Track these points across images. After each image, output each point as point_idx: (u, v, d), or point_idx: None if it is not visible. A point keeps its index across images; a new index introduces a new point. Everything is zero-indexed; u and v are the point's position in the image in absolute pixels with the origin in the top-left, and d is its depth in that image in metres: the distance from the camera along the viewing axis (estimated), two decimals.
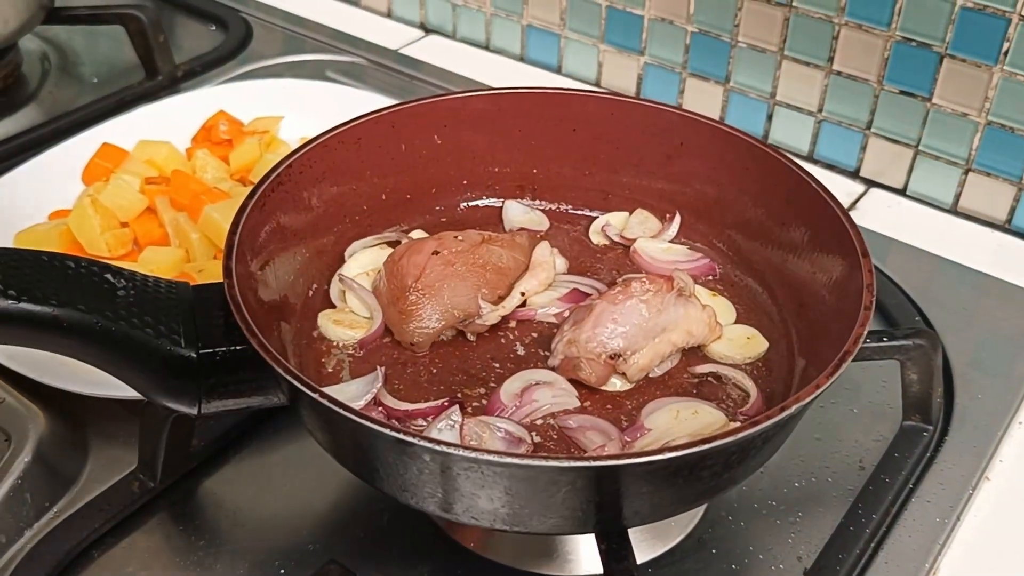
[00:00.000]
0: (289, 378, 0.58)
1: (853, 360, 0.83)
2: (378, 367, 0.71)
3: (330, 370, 0.73)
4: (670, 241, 0.84)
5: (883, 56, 1.05)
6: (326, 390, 0.58)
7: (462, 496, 0.58)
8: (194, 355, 0.62)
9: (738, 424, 0.69)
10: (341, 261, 0.80)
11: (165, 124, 1.08)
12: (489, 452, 0.57)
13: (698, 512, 0.75)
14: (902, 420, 0.81)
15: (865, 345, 0.74)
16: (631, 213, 0.86)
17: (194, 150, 1.05)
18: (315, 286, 0.78)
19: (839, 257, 0.71)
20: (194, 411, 0.64)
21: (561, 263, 0.82)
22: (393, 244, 0.82)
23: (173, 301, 0.63)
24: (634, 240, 0.84)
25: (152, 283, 0.64)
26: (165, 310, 0.62)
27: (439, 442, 0.55)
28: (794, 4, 1.08)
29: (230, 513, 0.75)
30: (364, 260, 0.80)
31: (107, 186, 0.97)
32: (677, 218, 0.84)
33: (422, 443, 0.55)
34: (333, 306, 0.78)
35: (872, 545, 0.73)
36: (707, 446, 0.55)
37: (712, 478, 0.60)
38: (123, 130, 1.06)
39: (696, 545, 0.73)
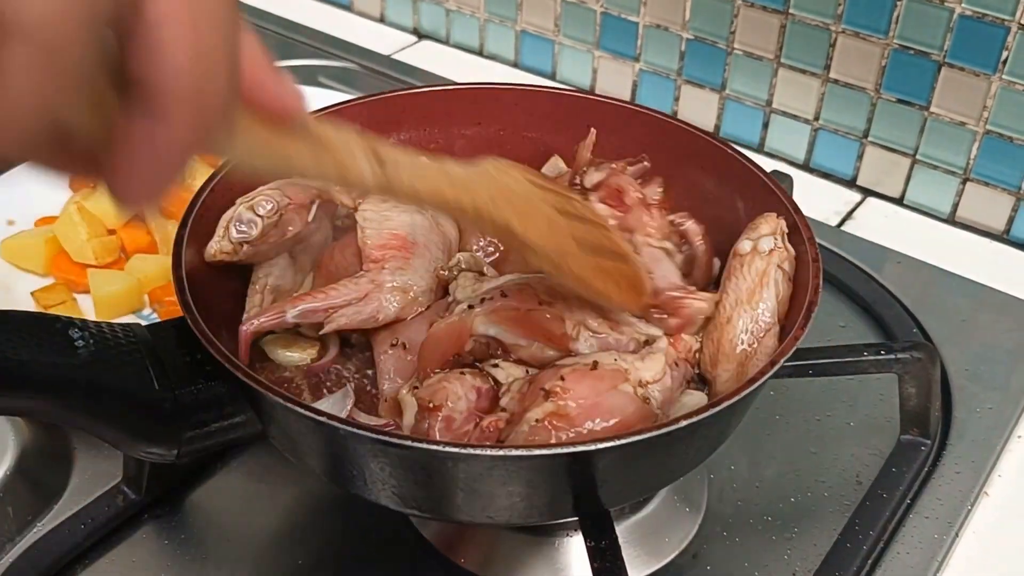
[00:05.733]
0: (297, 408, 0.56)
1: (851, 374, 0.82)
2: (347, 384, 0.69)
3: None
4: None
5: (881, 64, 1.04)
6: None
7: (480, 496, 0.58)
8: (170, 397, 0.60)
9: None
10: None
11: None
12: (514, 448, 0.56)
13: (692, 527, 0.74)
14: (900, 434, 0.80)
15: (862, 358, 0.75)
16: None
17: None
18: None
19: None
20: (173, 455, 0.62)
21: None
22: None
23: (134, 345, 0.61)
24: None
25: (108, 329, 0.61)
26: (129, 355, 0.60)
27: (471, 445, 0.55)
28: (791, 11, 1.07)
29: (217, 527, 0.74)
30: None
31: (94, 192, 0.95)
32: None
33: (461, 451, 0.54)
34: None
35: (869, 562, 0.72)
36: (712, 411, 0.56)
37: (704, 442, 0.63)
38: None
39: (691, 561, 0.72)
